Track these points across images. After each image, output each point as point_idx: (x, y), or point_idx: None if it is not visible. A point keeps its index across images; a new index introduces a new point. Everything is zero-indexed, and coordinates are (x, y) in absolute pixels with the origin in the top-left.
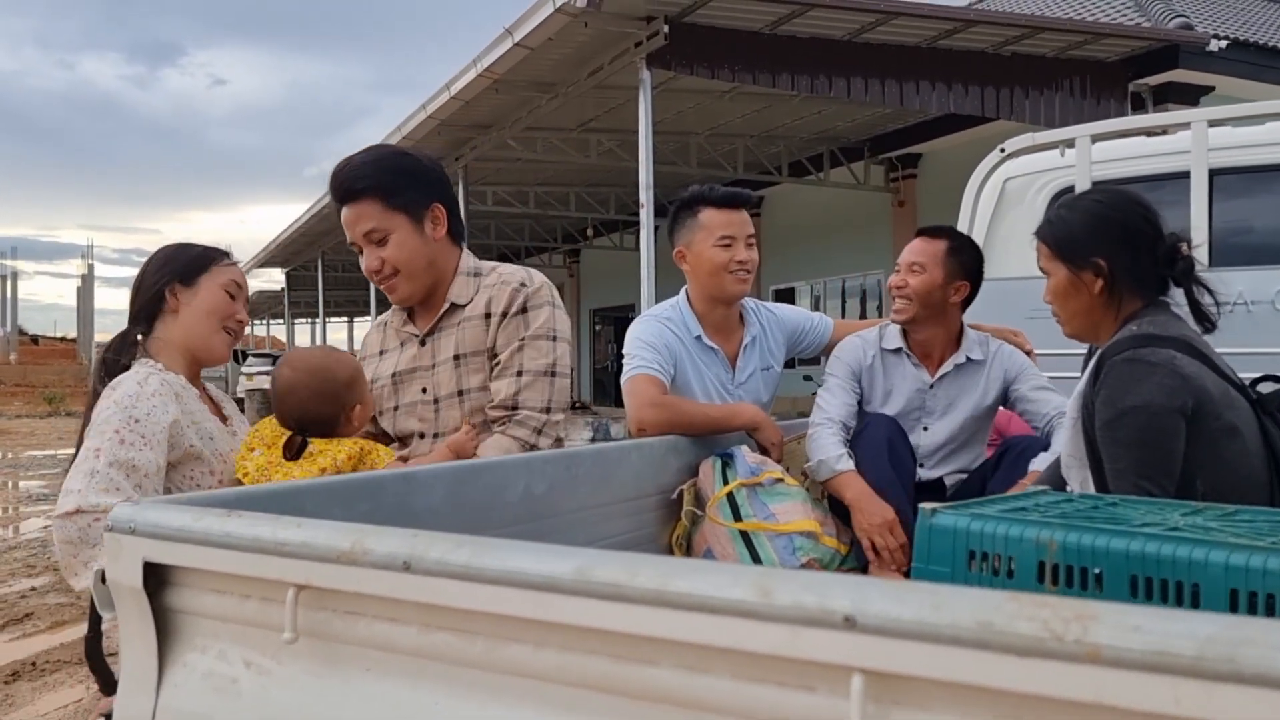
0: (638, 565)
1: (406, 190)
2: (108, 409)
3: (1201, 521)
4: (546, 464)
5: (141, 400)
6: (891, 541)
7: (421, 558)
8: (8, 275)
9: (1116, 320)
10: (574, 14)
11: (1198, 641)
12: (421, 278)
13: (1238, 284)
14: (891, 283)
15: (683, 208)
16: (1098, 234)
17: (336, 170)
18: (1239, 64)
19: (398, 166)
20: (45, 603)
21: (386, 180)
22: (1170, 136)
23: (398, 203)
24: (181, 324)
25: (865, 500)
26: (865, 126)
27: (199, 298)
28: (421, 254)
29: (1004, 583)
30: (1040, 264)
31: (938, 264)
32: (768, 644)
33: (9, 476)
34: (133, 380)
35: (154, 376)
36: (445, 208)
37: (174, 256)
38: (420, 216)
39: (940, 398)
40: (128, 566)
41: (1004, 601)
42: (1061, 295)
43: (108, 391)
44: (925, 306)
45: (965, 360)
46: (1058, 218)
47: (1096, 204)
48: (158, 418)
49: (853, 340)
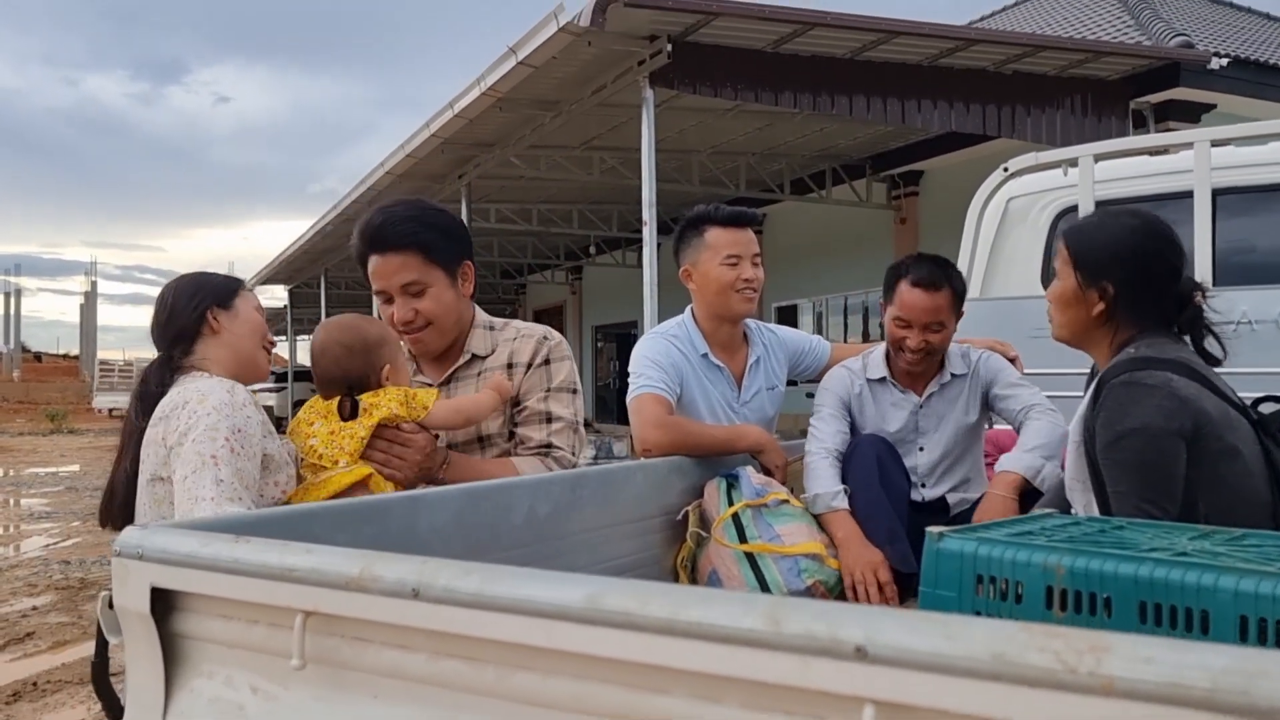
0: (649, 594)
1: (444, 247)
2: (208, 415)
3: (1210, 546)
4: (551, 486)
5: (236, 410)
6: (874, 587)
7: (430, 584)
8: (11, 292)
9: (1110, 343)
10: (578, 33)
11: (1212, 674)
12: (450, 332)
13: (1241, 303)
14: (903, 338)
15: (688, 227)
16: (1117, 260)
17: (375, 220)
18: (1240, 82)
19: (437, 223)
20: (47, 622)
21: (427, 235)
22: (1173, 156)
23: (437, 258)
24: (226, 344)
25: (853, 542)
26: (867, 144)
27: (239, 319)
28: (454, 309)
29: (1011, 608)
30: (1055, 262)
31: (950, 314)
32: (778, 674)
33: (11, 494)
34: (220, 390)
35: (236, 387)
36: (473, 265)
37: (204, 283)
38: (454, 272)
39: (931, 416)
40: (135, 591)
41: (1017, 632)
42: (1061, 300)
43: (196, 398)
44: (940, 355)
45: (950, 377)
46: (1087, 226)
47: (1128, 230)
48: (253, 429)
49: (838, 371)
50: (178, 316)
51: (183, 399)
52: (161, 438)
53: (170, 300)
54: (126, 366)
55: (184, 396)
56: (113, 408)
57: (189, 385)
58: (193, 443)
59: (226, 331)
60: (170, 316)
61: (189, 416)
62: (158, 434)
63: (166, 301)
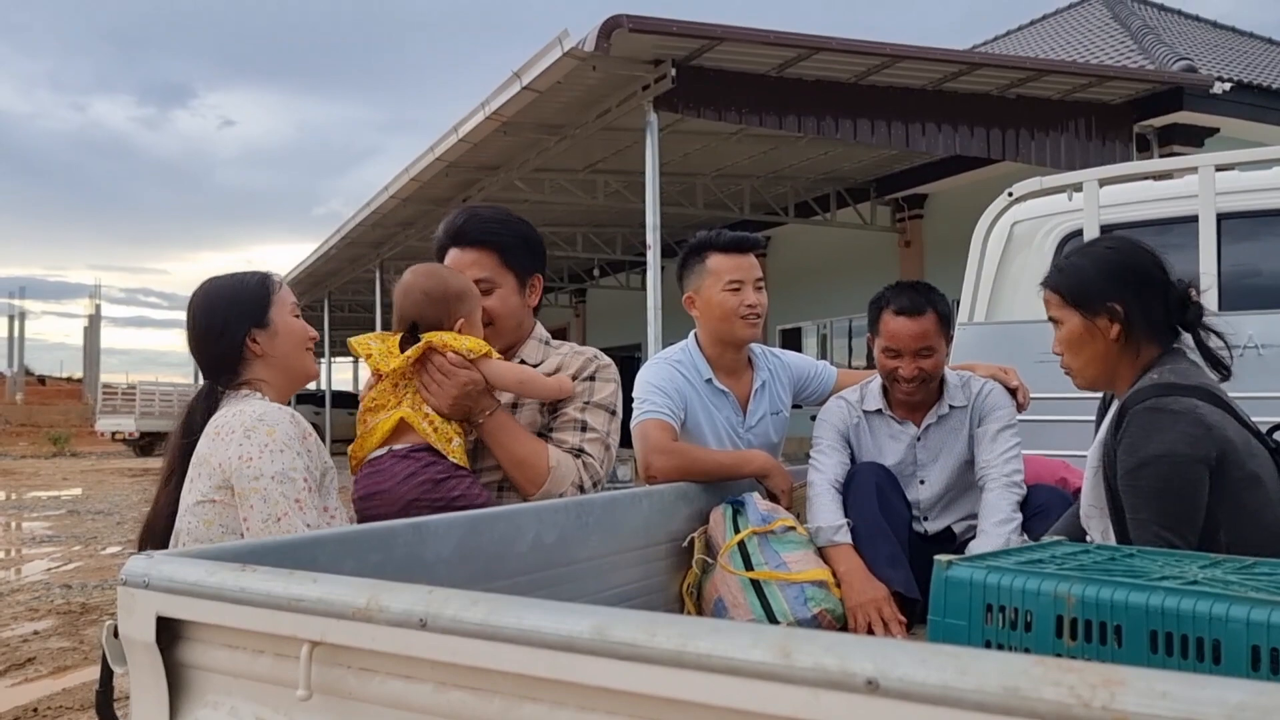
0: (656, 625)
1: (521, 254)
2: (282, 454)
3: (1220, 574)
4: (556, 513)
5: (304, 442)
6: (879, 625)
7: (437, 615)
8: (15, 315)
9: (1134, 367)
10: (582, 58)
11: (1227, 709)
12: (508, 335)
13: (1248, 328)
14: (895, 367)
15: (690, 254)
16: (1112, 279)
17: (460, 217)
18: (1243, 106)
19: (518, 231)
20: (48, 647)
21: (508, 239)
22: (1178, 180)
23: (511, 262)
24: (271, 365)
25: (857, 577)
26: (871, 167)
27: (279, 335)
28: (516, 314)
29: (1021, 637)
30: (1050, 314)
31: (939, 337)
32: (788, 707)
33: (13, 518)
34: (285, 420)
35: (297, 415)
36: (542, 280)
37: (237, 298)
38: (525, 281)
39: (929, 449)
40: (140, 621)
41: (1030, 666)
42: (1075, 344)
43: (263, 429)
44: (936, 380)
45: (948, 409)
46: (1069, 265)
47: (1109, 250)
48: (318, 456)
49: (835, 403)
50: (213, 344)
51: (241, 424)
52: (218, 463)
53: (203, 325)
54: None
55: (242, 421)
56: (115, 431)
57: (246, 407)
58: (273, 481)
59: (269, 352)
60: (205, 343)
61: (256, 449)
62: (210, 453)
63: (199, 325)
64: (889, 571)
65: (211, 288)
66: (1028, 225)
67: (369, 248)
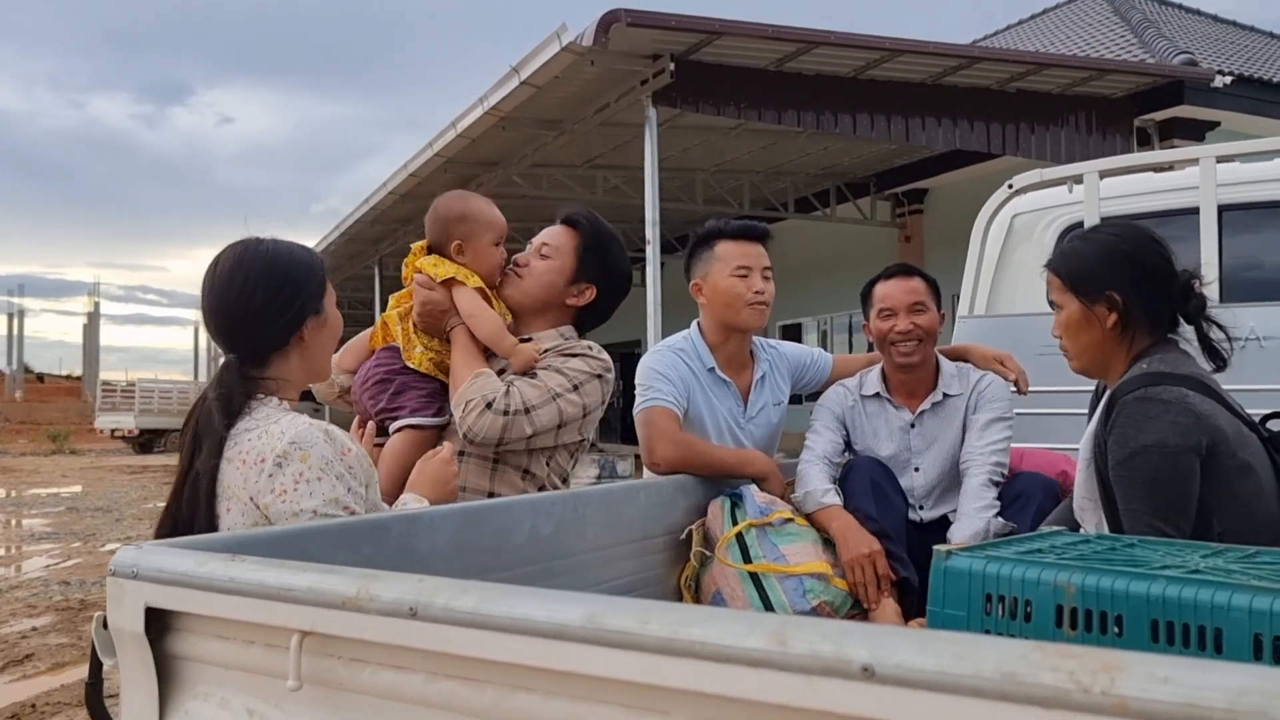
0: (649, 612)
1: (594, 257)
2: (319, 481)
3: (1222, 564)
4: (553, 505)
5: (343, 459)
6: (871, 574)
7: (428, 604)
8: (14, 313)
9: (1127, 357)
10: (580, 53)
11: (1229, 694)
12: (528, 307)
13: (1249, 320)
14: (890, 327)
15: (699, 243)
16: (1113, 267)
17: (585, 210)
18: (1244, 99)
19: (608, 244)
20: (46, 643)
21: (594, 238)
22: (1178, 172)
23: (581, 254)
24: (305, 360)
25: (850, 532)
26: (871, 162)
27: (327, 326)
28: (548, 293)
29: (1021, 627)
30: (1050, 296)
31: (930, 300)
32: (784, 694)
33: (12, 515)
34: (319, 438)
35: (332, 429)
36: (595, 296)
37: (308, 274)
38: (579, 279)
39: (923, 436)
40: (129, 611)
41: (1028, 651)
42: (1072, 329)
43: (297, 455)
44: (933, 343)
45: (942, 397)
46: (1071, 250)
47: (1112, 237)
48: (360, 465)
49: (835, 388)
50: (266, 323)
51: (273, 451)
52: (249, 496)
53: (260, 298)
54: (129, 387)
55: (272, 446)
56: (115, 428)
57: (273, 426)
58: (315, 517)
59: (312, 345)
60: (255, 320)
61: (291, 481)
62: (241, 485)
63: (253, 296)
64: (891, 564)
65: (277, 254)
66: (1028, 218)
67: (368, 244)
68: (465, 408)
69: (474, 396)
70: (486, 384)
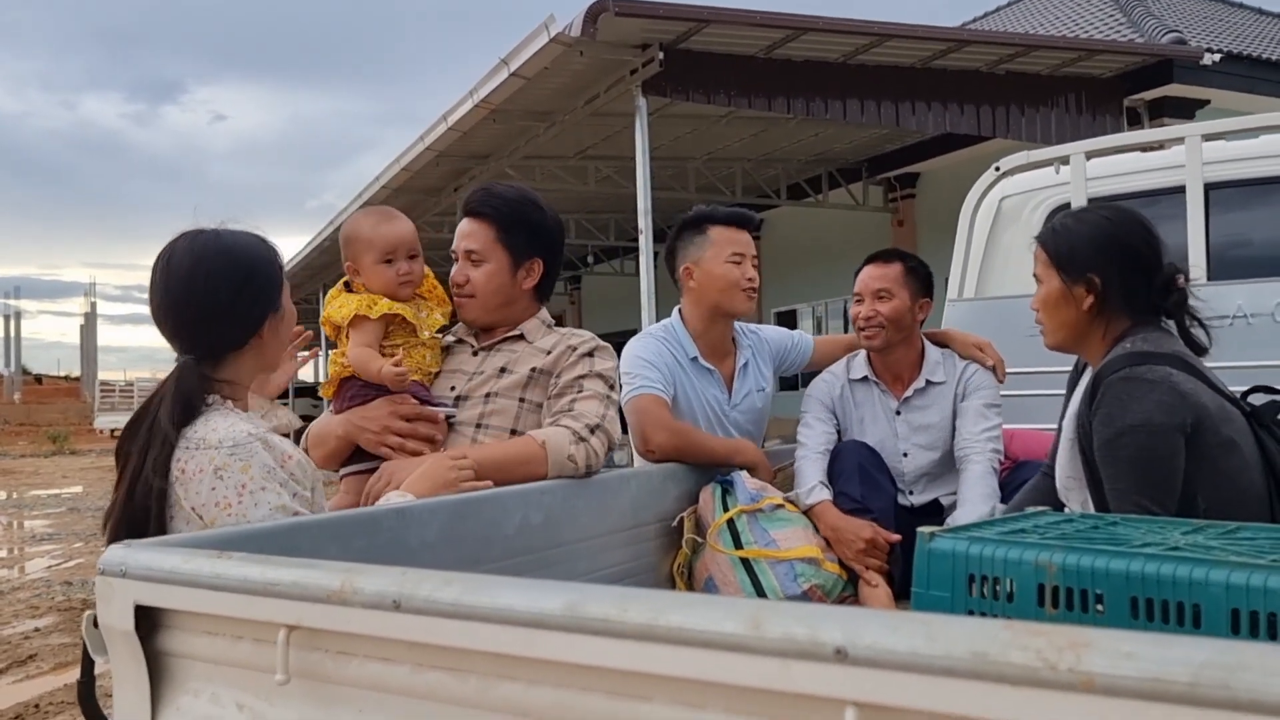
0: (628, 600)
1: (519, 234)
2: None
3: (1202, 540)
4: (544, 494)
5: (285, 464)
6: (875, 560)
7: (411, 596)
8: (11, 315)
9: (1103, 339)
10: (569, 43)
11: (1192, 668)
12: (492, 313)
13: (1236, 297)
14: (858, 314)
15: (687, 226)
16: (1098, 250)
17: (479, 189)
18: (1233, 77)
19: (523, 213)
20: (49, 644)
21: (508, 217)
22: (1165, 151)
23: (506, 241)
24: (263, 357)
25: (841, 525)
26: (863, 148)
27: (284, 320)
28: (502, 292)
29: (1004, 607)
30: (1035, 270)
31: (902, 286)
32: (759, 677)
33: (14, 516)
34: (258, 448)
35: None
36: (544, 267)
37: (268, 270)
38: (519, 262)
39: (910, 421)
40: (119, 610)
41: (998, 630)
42: (1050, 305)
43: (237, 466)
44: (898, 330)
45: (925, 384)
46: (1062, 227)
47: (1104, 220)
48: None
49: (822, 377)
50: (228, 323)
51: (211, 463)
52: (192, 508)
53: (222, 296)
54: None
55: (210, 458)
56: (114, 428)
57: (210, 435)
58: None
59: (270, 341)
60: (214, 318)
61: (233, 493)
62: (184, 498)
63: (211, 292)
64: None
65: (235, 247)
66: (1016, 200)
67: None
68: (569, 469)
69: (558, 460)
70: (551, 439)
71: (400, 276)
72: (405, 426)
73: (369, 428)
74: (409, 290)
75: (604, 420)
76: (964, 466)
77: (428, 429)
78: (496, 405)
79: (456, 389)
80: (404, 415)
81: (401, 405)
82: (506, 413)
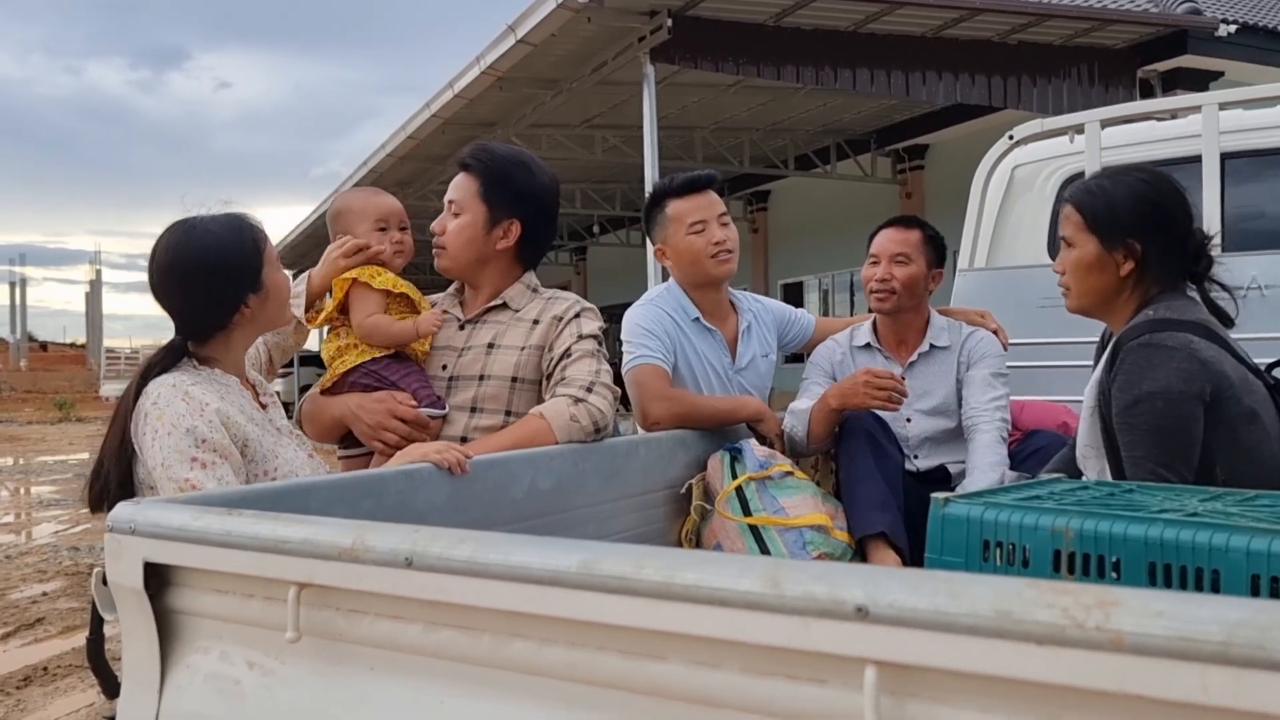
0: (644, 558)
1: (501, 193)
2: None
3: (1221, 507)
4: (552, 460)
5: (196, 419)
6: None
7: (424, 554)
8: (16, 282)
9: (1134, 305)
10: (576, 9)
11: (1226, 627)
12: (465, 269)
13: (1251, 268)
14: (873, 275)
15: (651, 206)
16: (1139, 215)
17: (477, 143)
18: (1248, 49)
19: (508, 172)
20: (57, 608)
21: (494, 175)
22: (1180, 121)
23: (487, 196)
24: (253, 329)
25: (842, 388)
26: (871, 118)
27: (269, 298)
28: (474, 248)
29: (1019, 573)
30: (1064, 232)
31: (920, 254)
32: (778, 636)
33: (21, 482)
34: (176, 400)
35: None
36: (522, 229)
37: (238, 261)
38: (497, 220)
39: (913, 386)
40: (128, 567)
41: (1023, 589)
42: (1082, 269)
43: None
44: (911, 296)
45: (929, 348)
46: (1099, 188)
47: (1142, 183)
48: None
49: (826, 343)
50: (205, 312)
51: (142, 411)
52: (137, 446)
53: (197, 292)
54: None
55: (142, 404)
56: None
57: (153, 388)
58: (163, 468)
59: (258, 314)
60: (191, 311)
61: (149, 438)
62: (134, 435)
63: (185, 289)
64: (878, 515)
65: (207, 244)
66: (1029, 169)
67: None
68: (576, 431)
69: (563, 424)
70: (549, 409)
71: (394, 244)
72: (401, 428)
73: (365, 419)
74: (401, 260)
75: (599, 375)
76: (972, 435)
77: (420, 436)
78: (489, 389)
79: (449, 368)
80: (400, 416)
81: (400, 406)
82: (499, 396)
